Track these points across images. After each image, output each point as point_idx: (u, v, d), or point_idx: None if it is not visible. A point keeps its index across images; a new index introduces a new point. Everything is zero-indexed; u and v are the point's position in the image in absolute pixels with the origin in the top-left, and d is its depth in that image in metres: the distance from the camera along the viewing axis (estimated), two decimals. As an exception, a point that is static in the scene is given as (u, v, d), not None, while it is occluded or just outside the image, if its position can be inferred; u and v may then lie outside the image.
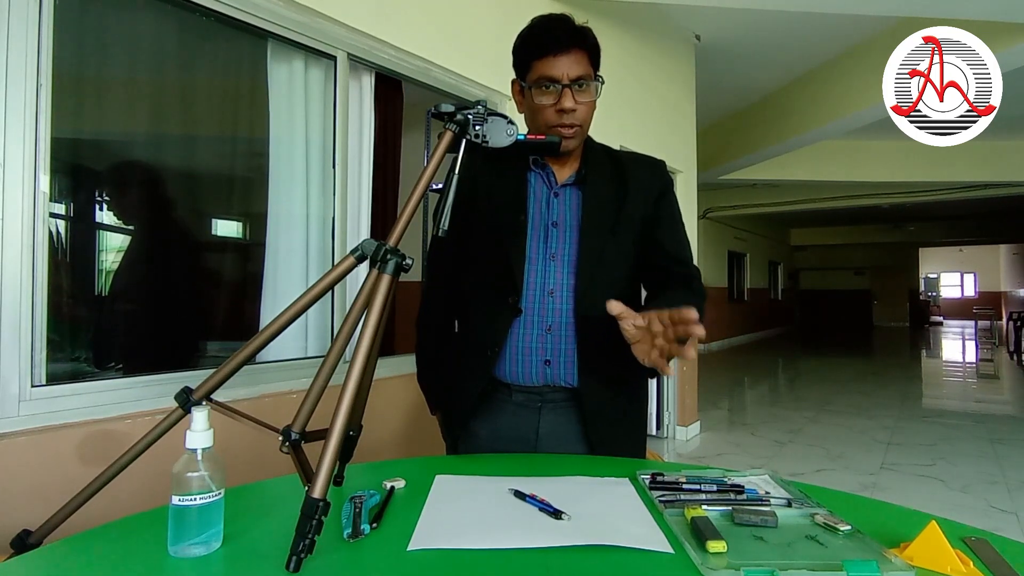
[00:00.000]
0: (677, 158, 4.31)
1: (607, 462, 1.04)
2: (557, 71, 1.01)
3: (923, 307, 19.08)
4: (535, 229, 1.07)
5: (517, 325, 1.05)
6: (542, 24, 1.05)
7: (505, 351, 1.06)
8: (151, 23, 1.72)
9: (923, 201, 8.79)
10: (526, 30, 1.06)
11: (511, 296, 1.04)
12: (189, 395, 0.78)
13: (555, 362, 1.05)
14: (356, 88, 2.14)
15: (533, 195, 1.09)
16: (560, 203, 1.09)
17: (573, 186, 1.10)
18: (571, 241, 1.06)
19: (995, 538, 0.70)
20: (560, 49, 1.01)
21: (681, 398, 4.36)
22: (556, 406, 1.07)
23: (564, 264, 1.06)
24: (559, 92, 1.02)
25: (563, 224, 1.07)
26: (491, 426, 1.09)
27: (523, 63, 1.06)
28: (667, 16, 3.99)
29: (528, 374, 1.05)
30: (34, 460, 1.31)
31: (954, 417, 5.32)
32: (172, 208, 1.89)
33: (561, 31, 1.03)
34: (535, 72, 1.03)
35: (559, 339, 1.05)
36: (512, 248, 1.05)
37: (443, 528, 0.71)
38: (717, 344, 10.70)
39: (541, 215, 1.08)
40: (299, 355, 1.96)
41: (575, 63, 1.02)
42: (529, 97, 1.05)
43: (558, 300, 1.05)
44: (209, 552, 0.65)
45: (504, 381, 1.07)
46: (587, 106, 1.06)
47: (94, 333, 1.65)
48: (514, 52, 1.08)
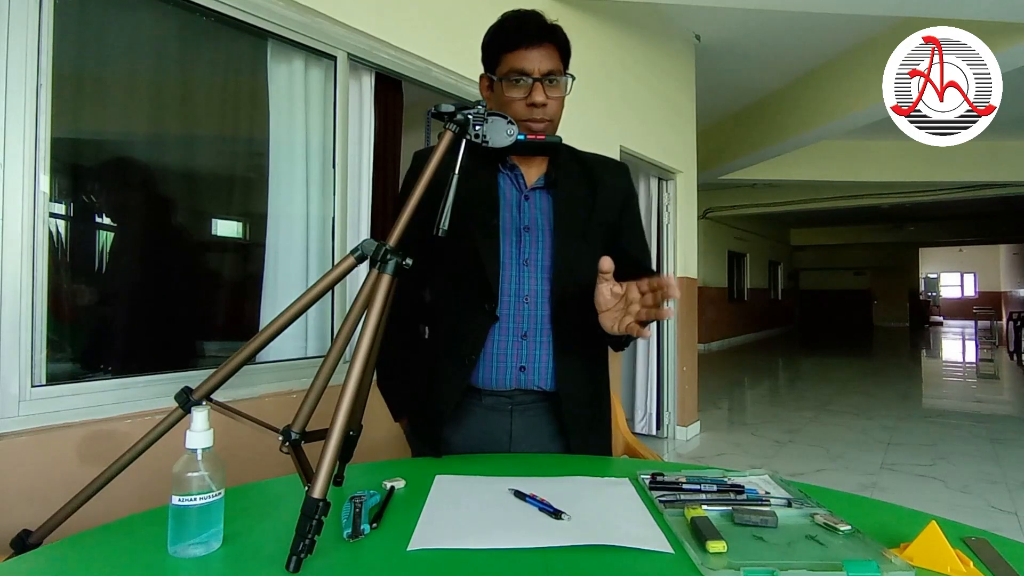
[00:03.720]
0: (677, 158, 4.31)
1: (607, 462, 1.04)
2: (528, 64, 1.01)
3: (923, 307, 19.07)
4: (507, 234, 1.05)
5: (493, 332, 1.04)
6: (513, 18, 1.05)
7: (479, 357, 1.04)
8: (151, 23, 1.72)
9: (923, 201, 8.79)
10: (497, 24, 1.07)
11: (488, 303, 1.03)
12: (189, 395, 0.78)
13: (530, 368, 1.04)
14: (356, 88, 2.14)
15: (504, 198, 1.07)
16: (531, 207, 1.08)
17: (543, 189, 1.09)
18: (544, 246, 1.06)
19: (995, 538, 0.70)
20: (531, 43, 1.02)
21: (681, 398, 4.36)
22: (527, 408, 1.07)
23: (538, 270, 1.05)
24: (530, 86, 1.02)
25: (535, 228, 1.06)
26: (462, 431, 1.07)
27: (493, 56, 1.06)
28: (667, 16, 3.99)
29: (502, 379, 1.04)
30: (34, 460, 1.31)
31: (954, 417, 5.31)
32: (172, 208, 1.89)
33: (532, 25, 1.03)
34: (505, 65, 1.03)
35: (534, 345, 1.04)
36: (486, 253, 1.03)
37: (443, 528, 0.71)
38: (717, 344, 10.70)
39: (512, 219, 1.07)
40: (299, 355, 1.96)
41: (546, 57, 1.03)
42: (499, 91, 1.05)
43: (533, 306, 1.04)
44: (209, 552, 0.65)
45: (475, 386, 1.06)
46: (557, 101, 1.06)
47: (94, 333, 1.65)
48: (484, 46, 1.08)
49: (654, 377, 4.35)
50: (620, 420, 1.63)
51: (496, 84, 1.05)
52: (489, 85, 1.09)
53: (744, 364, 9.20)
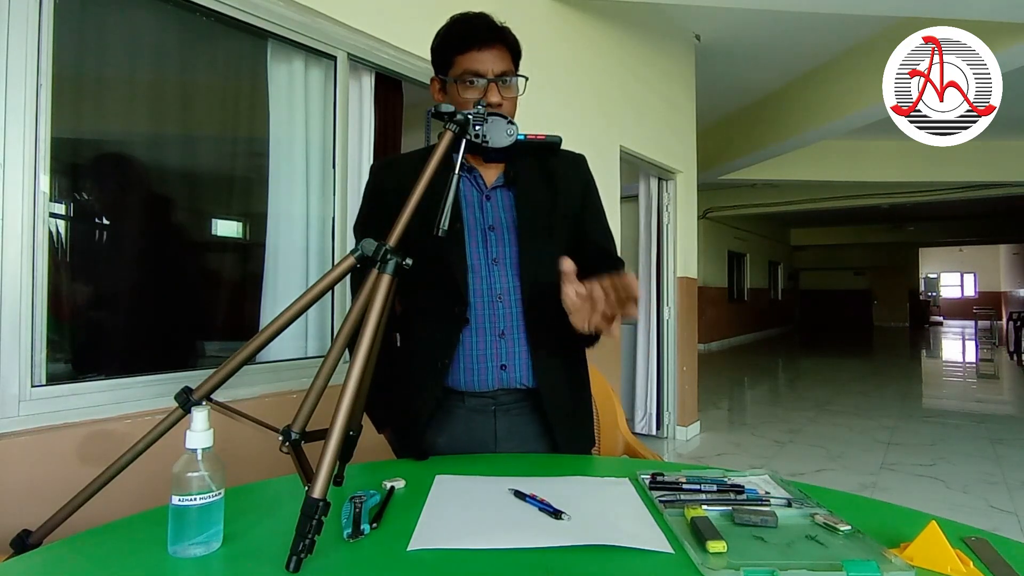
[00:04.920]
0: (677, 158, 4.31)
1: (607, 462, 1.05)
2: (482, 66, 1.02)
3: (923, 307, 19.08)
4: (472, 235, 1.06)
5: (468, 334, 1.04)
6: (463, 20, 1.06)
7: (457, 360, 1.04)
8: (151, 23, 1.72)
9: (923, 201, 8.79)
10: (446, 27, 1.07)
11: (456, 306, 1.03)
12: (189, 395, 0.78)
13: (511, 366, 1.04)
14: (356, 88, 2.14)
15: (465, 200, 1.08)
16: (493, 206, 1.08)
17: (503, 188, 1.09)
18: (511, 243, 1.06)
19: (995, 538, 0.70)
20: (483, 44, 1.02)
21: (681, 398, 4.36)
22: (510, 408, 1.07)
23: (507, 267, 1.05)
24: (484, 87, 1.02)
25: (500, 227, 1.07)
26: (448, 435, 1.07)
27: (444, 58, 1.06)
28: (667, 16, 3.99)
29: (484, 380, 1.04)
30: (34, 460, 1.31)
31: (954, 417, 5.32)
32: (172, 208, 1.89)
33: (482, 27, 1.04)
34: (458, 67, 1.03)
35: (512, 343, 1.04)
36: (452, 257, 1.03)
37: (443, 528, 0.71)
38: (717, 344, 10.70)
39: (476, 220, 1.07)
40: (299, 355, 1.96)
41: (498, 58, 1.03)
42: (453, 92, 1.05)
43: (507, 304, 1.05)
44: (209, 552, 0.65)
45: (457, 389, 1.06)
46: (511, 102, 1.06)
47: (94, 333, 1.65)
48: (434, 48, 1.09)
49: (654, 377, 4.35)
50: (620, 420, 1.63)
51: (450, 85, 1.06)
52: (441, 87, 1.09)
53: (744, 364, 9.20)
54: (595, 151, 3.30)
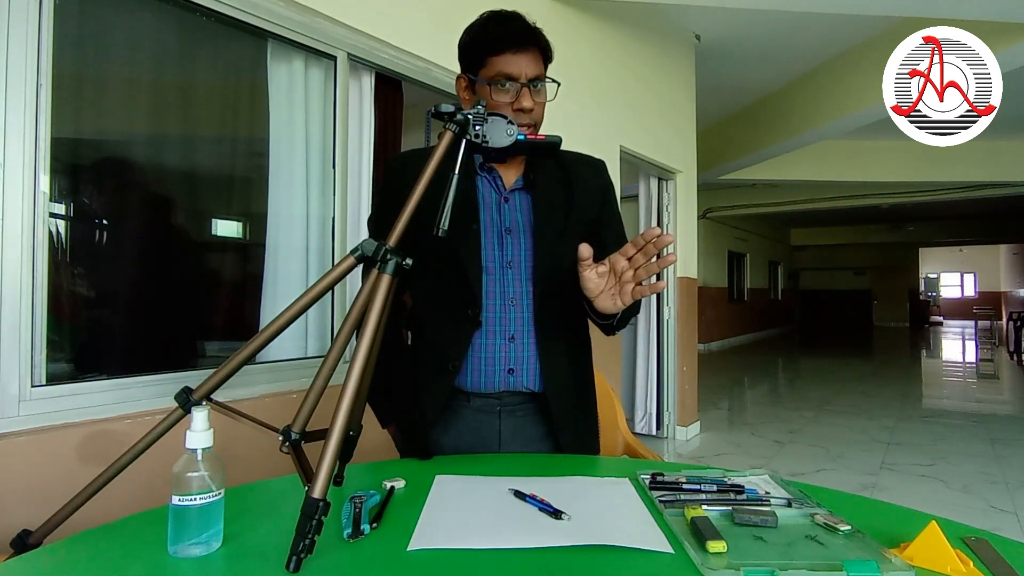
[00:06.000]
0: (677, 158, 4.31)
1: (607, 462, 1.04)
2: (516, 69, 1.00)
3: (923, 307, 19.07)
4: (488, 237, 1.04)
5: (478, 336, 1.03)
6: (497, 19, 1.03)
7: (467, 362, 1.03)
8: (151, 23, 1.72)
9: (923, 201, 8.79)
10: (479, 24, 1.05)
11: (470, 308, 1.02)
12: (189, 395, 0.78)
13: (518, 370, 1.04)
14: (356, 88, 2.14)
15: (483, 201, 1.06)
16: (511, 208, 1.07)
17: (522, 190, 1.08)
18: (526, 248, 1.05)
19: (995, 538, 0.70)
20: (518, 47, 1.00)
21: (681, 398, 4.36)
22: (515, 409, 1.07)
23: (522, 272, 1.05)
24: (517, 91, 1.01)
25: (516, 230, 1.06)
26: (452, 435, 1.07)
27: (476, 57, 1.04)
28: (667, 16, 3.99)
29: (490, 382, 1.04)
30: (34, 460, 1.31)
31: (954, 417, 5.32)
32: (172, 208, 1.89)
33: (518, 29, 1.02)
34: (492, 68, 1.01)
35: (522, 347, 1.04)
36: (467, 258, 1.02)
37: (443, 528, 0.71)
38: (717, 344, 10.70)
39: (493, 221, 1.06)
40: (299, 355, 1.96)
41: (532, 62, 1.02)
42: (483, 93, 1.03)
43: (519, 309, 1.04)
44: (209, 552, 0.65)
45: (463, 389, 1.05)
46: (541, 107, 1.05)
47: (94, 333, 1.65)
48: (464, 45, 1.06)
49: (654, 377, 4.35)
50: (620, 420, 1.63)
51: (480, 86, 1.04)
52: (468, 85, 1.07)
53: (744, 364, 9.20)
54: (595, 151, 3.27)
